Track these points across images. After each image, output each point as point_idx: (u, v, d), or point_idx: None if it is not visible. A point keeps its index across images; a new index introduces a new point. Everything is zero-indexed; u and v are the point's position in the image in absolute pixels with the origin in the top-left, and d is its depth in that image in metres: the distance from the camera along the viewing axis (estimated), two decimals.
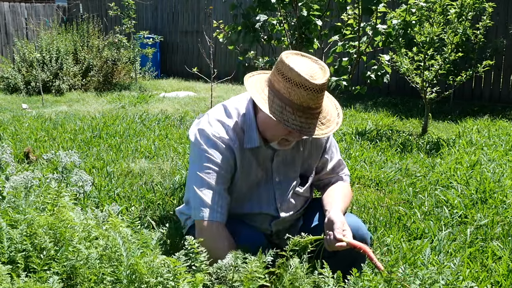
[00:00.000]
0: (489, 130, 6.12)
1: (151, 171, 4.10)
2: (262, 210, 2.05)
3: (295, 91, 1.75)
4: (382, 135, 5.77)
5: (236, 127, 1.96)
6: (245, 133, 1.96)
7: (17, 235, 1.63)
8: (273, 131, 1.89)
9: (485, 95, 8.53)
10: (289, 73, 1.76)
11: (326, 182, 2.18)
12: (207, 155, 1.91)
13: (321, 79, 1.76)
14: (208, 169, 1.90)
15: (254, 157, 1.99)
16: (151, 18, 12.77)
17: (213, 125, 1.95)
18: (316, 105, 1.79)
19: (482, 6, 5.95)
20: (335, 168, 2.17)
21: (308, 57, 1.85)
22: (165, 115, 6.67)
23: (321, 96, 1.79)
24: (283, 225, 2.10)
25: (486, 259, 2.69)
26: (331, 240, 1.80)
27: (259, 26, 3.49)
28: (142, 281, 1.43)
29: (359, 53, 3.43)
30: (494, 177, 3.99)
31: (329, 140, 2.14)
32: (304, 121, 1.77)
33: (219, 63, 11.13)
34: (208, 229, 1.86)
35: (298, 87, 1.75)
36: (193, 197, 1.92)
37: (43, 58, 9.41)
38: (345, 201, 2.05)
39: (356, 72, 7.76)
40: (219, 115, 1.99)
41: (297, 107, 1.76)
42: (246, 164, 1.99)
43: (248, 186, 2.02)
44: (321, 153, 2.12)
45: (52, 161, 3.80)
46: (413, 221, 3.21)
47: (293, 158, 2.06)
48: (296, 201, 2.10)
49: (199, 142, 1.93)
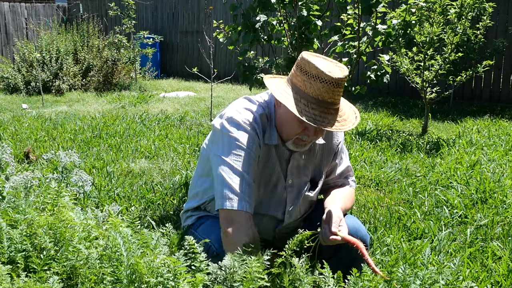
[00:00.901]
0: (489, 130, 6.12)
1: (151, 171, 4.10)
2: (269, 212, 2.03)
3: (311, 84, 1.77)
4: (382, 135, 5.77)
5: (263, 116, 1.93)
6: (266, 128, 1.93)
7: (17, 235, 1.63)
8: (289, 127, 1.88)
9: (485, 95, 8.52)
10: (307, 67, 1.78)
11: (331, 185, 2.18)
12: (237, 142, 1.84)
13: (337, 74, 1.77)
14: (238, 156, 1.83)
15: (272, 154, 1.97)
16: (151, 18, 12.77)
17: (242, 113, 1.91)
18: (331, 99, 1.78)
19: (482, 6, 5.95)
20: (343, 173, 2.17)
21: (328, 59, 1.87)
22: (165, 115, 6.67)
23: (337, 92, 1.78)
24: (286, 230, 2.09)
25: (486, 259, 2.69)
26: (326, 233, 1.80)
27: (259, 26, 3.49)
28: (142, 281, 1.43)
29: (359, 53, 3.43)
30: (494, 177, 3.99)
31: (340, 145, 2.13)
32: (318, 114, 1.76)
33: (219, 63, 11.13)
34: (237, 219, 1.77)
35: (314, 80, 1.76)
36: (220, 185, 1.82)
37: (43, 58, 9.41)
38: (345, 202, 2.05)
39: (356, 72, 7.76)
40: (246, 104, 1.96)
41: (312, 99, 1.77)
42: (264, 158, 1.96)
43: (262, 185, 2.00)
44: (331, 158, 2.11)
45: (52, 161, 3.80)
46: (413, 221, 3.21)
47: (306, 162, 2.05)
48: (303, 206, 2.10)
49: (228, 129, 1.87)
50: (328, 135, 2.08)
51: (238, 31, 3.60)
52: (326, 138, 2.07)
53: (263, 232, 2.04)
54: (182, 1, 12.14)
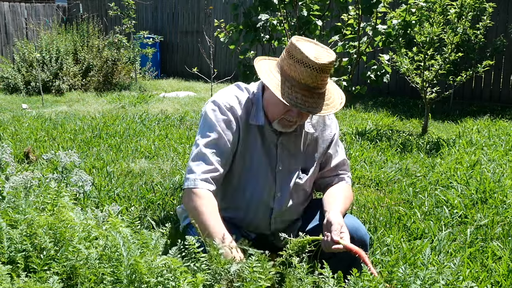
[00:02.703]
0: (489, 130, 6.12)
1: (151, 171, 4.10)
2: (263, 198, 2.04)
3: (296, 68, 1.81)
4: (382, 135, 5.77)
5: (247, 101, 2.01)
6: (252, 110, 2.01)
7: (17, 235, 1.62)
8: (274, 108, 1.93)
9: (485, 95, 8.52)
10: (293, 51, 1.83)
11: (328, 182, 2.18)
12: (211, 124, 1.94)
13: (323, 60, 1.80)
14: (208, 138, 1.92)
15: (259, 137, 2.02)
16: (151, 18, 12.77)
17: (225, 97, 2.01)
18: (315, 84, 1.82)
19: (482, 6, 5.95)
20: (338, 166, 2.18)
21: (319, 45, 1.91)
22: (165, 115, 6.67)
23: (321, 77, 1.82)
24: (282, 223, 2.10)
25: (486, 259, 2.69)
26: (328, 241, 1.81)
27: (260, 25, 3.49)
28: (142, 281, 1.43)
29: (359, 53, 3.43)
30: (494, 177, 3.99)
31: (335, 137, 2.16)
32: (300, 97, 1.81)
33: (219, 63, 11.12)
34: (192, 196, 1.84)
35: (299, 64, 1.81)
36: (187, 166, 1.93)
37: (43, 58, 9.41)
38: (345, 202, 2.05)
39: (356, 72, 7.76)
40: (233, 89, 2.07)
41: (296, 83, 1.82)
42: (251, 142, 2.01)
43: (251, 171, 2.02)
44: (326, 147, 2.14)
45: (52, 161, 3.80)
46: (413, 221, 3.21)
47: (297, 149, 2.08)
48: (296, 196, 2.10)
49: (207, 111, 1.97)
50: (321, 126, 2.12)
51: (239, 30, 3.61)
52: (318, 129, 2.12)
53: (259, 224, 2.07)
54: (182, 1, 12.14)
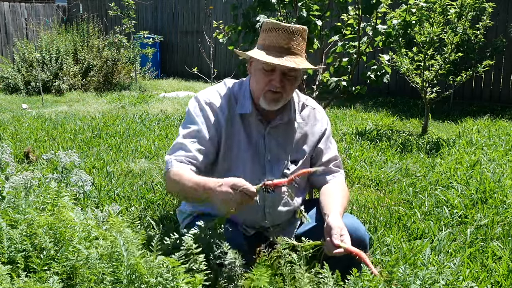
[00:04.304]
0: (489, 130, 6.12)
1: (151, 171, 4.10)
2: None
3: (269, 35, 1.98)
4: (382, 135, 5.77)
5: (229, 94, 2.10)
6: (238, 100, 2.09)
7: (17, 235, 1.63)
8: (257, 80, 2.03)
9: (485, 95, 8.52)
10: (266, 25, 2.01)
11: (321, 179, 2.18)
12: (191, 118, 2.05)
13: (295, 26, 1.96)
14: (188, 129, 2.02)
15: (244, 127, 2.07)
16: (151, 18, 12.77)
17: (206, 93, 2.11)
18: (287, 45, 1.96)
19: (482, 6, 5.95)
20: (330, 161, 2.20)
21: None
22: (165, 115, 6.67)
23: (293, 39, 1.96)
24: (279, 217, 2.11)
25: (486, 259, 2.69)
26: (330, 246, 1.82)
27: (259, 26, 3.48)
28: (142, 281, 1.43)
29: (359, 53, 3.43)
30: (494, 177, 3.99)
31: (326, 132, 2.21)
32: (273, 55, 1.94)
33: (219, 63, 11.12)
34: (169, 175, 1.92)
35: (271, 31, 1.98)
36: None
37: (43, 58, 9.40)
38: (343, 202, 2.05)
39: (356, 72, 7.75)
40: (217, 85, 2.16)
41: (272, 48, 1.96)
42: (235, 134, 2.06)
43: (239, 162, 2.05)
44: (316, 141, 2.18)
45: (52, 161, 3.80)
46: (413, 221, 3.21)
47: (286, 140, 2.13)
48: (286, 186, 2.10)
49: (189, 107, 2.09)
50: (312, 120, 2.19)
51: (238, 31, 3.60)
52: (309, 122, 2.18)
53: (254, 217, 2.08)
54: (182, 1, 12.13)
